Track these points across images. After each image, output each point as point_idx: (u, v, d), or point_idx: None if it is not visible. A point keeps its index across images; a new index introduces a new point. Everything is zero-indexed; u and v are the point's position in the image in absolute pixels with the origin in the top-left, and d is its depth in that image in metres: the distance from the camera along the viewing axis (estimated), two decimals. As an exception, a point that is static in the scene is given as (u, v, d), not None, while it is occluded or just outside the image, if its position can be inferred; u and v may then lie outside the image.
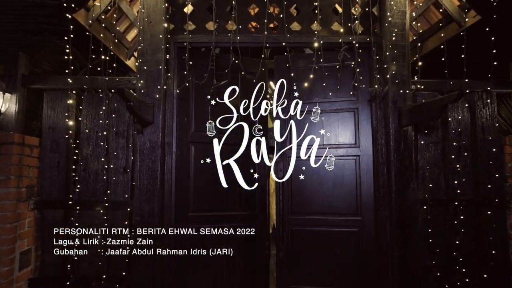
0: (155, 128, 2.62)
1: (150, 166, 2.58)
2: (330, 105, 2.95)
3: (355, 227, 2.80)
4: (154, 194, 2.56)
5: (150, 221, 2.52)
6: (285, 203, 2.92)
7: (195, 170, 2.84)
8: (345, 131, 2.90)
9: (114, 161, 2.66)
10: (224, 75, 2.70)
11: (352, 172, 2.84)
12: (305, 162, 2.56)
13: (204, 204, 2.87)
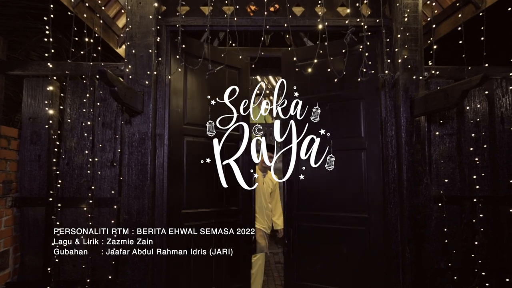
0: (144, 118, 2.39)
1: (140, 160, 2.36)
2: (335, 97, 2.77)
3: (361, 225, 2.59)
4: (144, 190, 2.33)
5: (140, 219, 2.30)
6: (292, 199, 2.83)
7: (187, 165, 2.63)
8: (351, 124, 2.69)
9: (100, 154, 2.44)
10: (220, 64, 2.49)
11: (359, 167, 2.62)
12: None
13: (195, 201, 2.69)
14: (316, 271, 2.71)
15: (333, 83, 2.67)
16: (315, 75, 2.73)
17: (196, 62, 2.47)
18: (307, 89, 2.88)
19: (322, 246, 2.71)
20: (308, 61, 2.59)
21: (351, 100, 2.71)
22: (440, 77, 2.52)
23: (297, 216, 2.83)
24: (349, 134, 2.68)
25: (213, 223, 2.70)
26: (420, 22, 2.46)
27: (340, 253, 2.62)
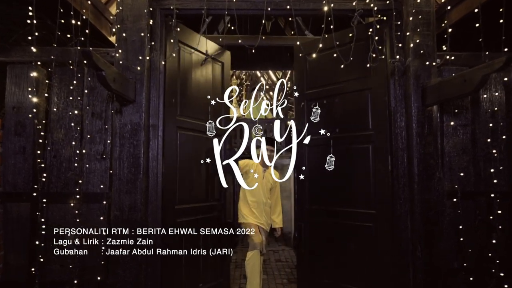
0: (137, 107, 2.22)
1: (132, 152, 2.19)
2: (341, 88, 2.63)
3: (369, 221, 2.43)
4: (136, 184, 2.16)
5: (132, 216, 2.13)
6: (304, 194, 2.79)
7: (180, 159, 2.47)
8: (359, 116, 2.54)
9: (90, 146, 2.26)
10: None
11: (367, 160, 2.46)
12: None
13: (187, 196, 2.54)
14: (327, 267, 2.64)
15: (341, 75, 2.58)
16: (325, 66, 2.68)
17: (190, 52, 2.30)
18: (316, 82, 2.79)
19: (332, 242, 2.62)
20: (321, 52, 2.53)
21: (359, 91, 2.56)
22: (452, 64, 2.35)
23: (309, 211, 2.77)
24: (357, 127, 2.54)
25: (201, 218, 2.62)
26: (433, 5, 2.28)
27: (349, 249, 2.51)
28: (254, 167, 3.22)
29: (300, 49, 2.80)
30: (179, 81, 2.52)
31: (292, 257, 5.43)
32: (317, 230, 2.72)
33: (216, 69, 2.99)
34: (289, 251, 5.76)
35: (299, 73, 2.95)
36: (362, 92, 2.53)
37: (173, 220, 2.34)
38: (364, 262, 2.44)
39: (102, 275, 2.11)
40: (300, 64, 2.92)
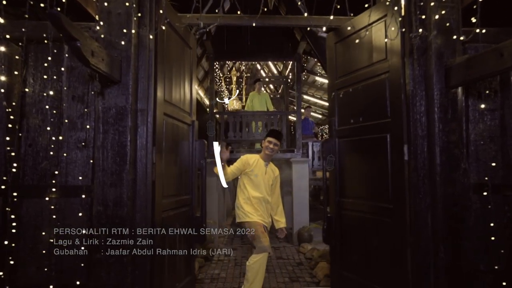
0: (123, 89, 1.93)
1: (117, 140, 1.91)
2: (363, 74, 2.45)
3: (387, 216, 2.21)
4: (122, 176, 1.89)
5: (117, 212, 1.86)
6: (335, 184, 2.71)
7: (165, 148, 2.22)
8: (378, 104, 2.32)
9: (70, 134, 1.98)
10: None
11: (384, 151, 2.23)
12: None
13: (169, 189, 2.32)
14: (352, 262, 2.51)
15: (363, 61, 2.45)
16: (351, 53, 2.59)
17: (174, 33, 2.03)
18: (344, 70, 2.67)
19: (358, 236, 2.48)
20: (346, 38, 2.50)
21: (378, 75, 2.34)
22: (479, 42, 2.06)
23: (339, 203, 2.66)
24: (377, 116, 2.33)
25: (178, 213, 2.44)
26: (458, -27, 2.00)
27: (371, 245, 2.33)
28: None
29: (331, 37, 2.75)
30: (165, 61, 2.25)
31: (293, 254, 5.19)
32: (344, 222, 2.61)
33: (189, 54, 2.79)
34: (290, 248, 5.52)
35: (330, 62, 2.86)
36: (381, 76, 2.32)
37: (160, 216, 2.08)
38: (384, 261, 2.22)
39: (82, 278, 1.84)
40: (330, 52, 2.84)
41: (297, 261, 4.90)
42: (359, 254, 2.45)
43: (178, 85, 2.53)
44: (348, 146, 2.60)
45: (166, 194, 2.23)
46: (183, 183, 2.55)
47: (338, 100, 2.71)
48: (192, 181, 2.65)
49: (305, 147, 6.35)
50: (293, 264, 4.76)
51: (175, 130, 2.42)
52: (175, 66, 2.44)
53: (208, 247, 5.24)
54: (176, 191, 2.43)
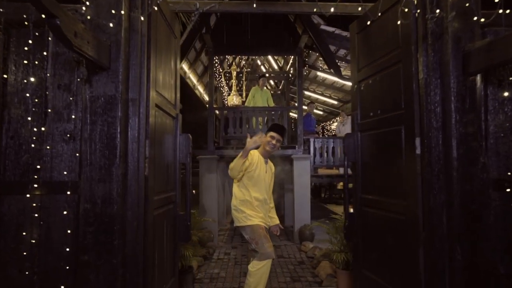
0: (112, 76, 1.77)
1: (106, 132, 1.75)
2: (380, 64, 2.33)
3: (401, 214, 2.08)
4: (112, 171, 1.73)
5: (106, 209, 1.70)
6: (357, 181, 2.65)
7: (156, 141, 2.08)
8: (392, 93, 2.20)
9: (55, 125, 1.82)
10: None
11: (399, 144, 2.10)
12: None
13: (159, 185, 2.17)
14: (372, 260, 2.40)
15: (380, 51, 2.32)
16: (370, 43, 2.49)
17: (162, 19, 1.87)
18: (364, 61, 2.57)
19: (376, 233, 2.37)
20: (366, 28, 2.42)
21: (392, 65, 2.20)
22: (499, 26, 1.89)
23: (361, 200, 2.57)
24: (392, 107, 2.20)
25: (166, 210, 2.31)
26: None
27: (387, 243, 2.21)
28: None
29: (353, 28, 2.66)
30: (157, 49, 2.09)
31: (294, 253, 5.05)
32: (365, 220, 2.51)
33: (175, 43, 2.66)
34: (291, 247, 5.38)
35: (352, 54, 2.77)
36: (395, 66, 2.17)
37: (152, 214, 1.93)
38: (398, 260, 2.09)
39: (68, 281, 1.68)
40: (352, 44, 2.75)
41: (298, 260, 4.76)
42: (377, 253, 2.34)
43: (167, 76, 2.38)
44: (368, 140, 2.50)
45: (157, 191, 2.08)
46: (169, 180, 2.40)
47: (360, 92, 2.61)
48: (176, 177, 2.49)
49: (307, 144, 6.19)
50: (295, 263, 4.61)
51: (163, 123, 2.27)
52: (164, 55, 2.29)
53: (208, 245, 5.09)
54: (164, 187, 2.28)
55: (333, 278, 3.77)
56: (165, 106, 2.31)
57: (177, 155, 2.53)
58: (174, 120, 2.56)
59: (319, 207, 8.86)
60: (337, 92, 10.50)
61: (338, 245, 3.61)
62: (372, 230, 2.42)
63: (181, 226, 2.49)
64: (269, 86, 10.52)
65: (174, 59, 2.62)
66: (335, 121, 13.02)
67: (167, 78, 2.41)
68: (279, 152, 5.64)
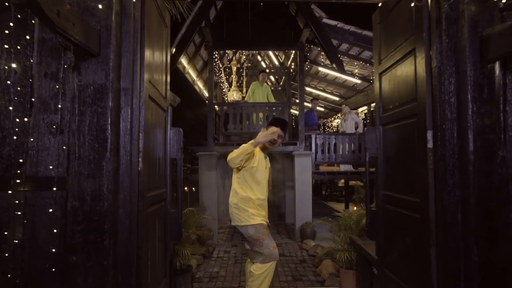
0: (102, 64, 1.63)
1: (95, 123, 1.62)
2: (397, 54, 2.19)
3: (415, 211, 1.96)
4: (102, 165, 1.60)
5: (96, 207, 1.57)
6: (378, 177, 2.50)
7: (149, 136, 1.95)
8: (407, 84, 2.08)
9: (41, 116, 1.68)
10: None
11: (412, 138, 1.99)
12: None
13: (152, 180, 2.04)
14: (392, 260, 2.29)
15: (398, 39, 2.19)
16: (391, 31, 2.35)
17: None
18: (386, 51, 2.44)
19: (396, 232, 2.25)
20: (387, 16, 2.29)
21: (407, 54, 2.07)
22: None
23: (382, 197, 2.44)
24: (407, 99, 2.09)
25: (158, 208, 2.19)
26: None
27: (404, 242, 2.10)
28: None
29: (375, 18, 2.55)
30: (150, 37, 1.95)
31: (296, 251, 4.94)
32: (386, 217, 2.41)
33: (166, 33, 2.53)
34: (292, 245, 5.27)
35: (375, 45, 2.66)
36: (410, 55, 2.04)
37: (145, 211, 1.81)
38: (414, 260, 1.97)
39: (55, 284, 1.55)
40: (375, 34, 2.63)
41: (300, 259, 4.65)
42: (396, 252, 2.23)
43: (158, 66, 2.25)
44: (389, 134, 2.40)
45: (150, 187, 1.96)
46: (160, 176, 2.28)
47: (381, 84, 2.51)
48: (167, 173, 2.36)
49: (308, 140, 6.06)
50: (296, 262, 4.50)
51: (155, 115, 2.14)
52: (156, 44, 2.16)
53: (207, 244, 4.98)
54: (156, 184, 2.15)
55: (335, 278, 3.65)
56: (158, 98, 2.18)
57: (168, 150, 2.40)
58: (165, 113, 2.43)
59: (320, 205, 8.75)
60: (338, 88, 10.35)
61: (342, 243, 3.49)
62: (392, 229, 2.32)
63: (172, 224, 2.36)
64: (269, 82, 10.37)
65: (165, 49, 2.49)
66: (336, 118, 12.88)
67: (159, 69, 2.28)
68: (279, 149, 5.51)
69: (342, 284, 3.41)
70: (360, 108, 9.67)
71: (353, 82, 9.04)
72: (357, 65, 7.55)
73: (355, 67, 7.85)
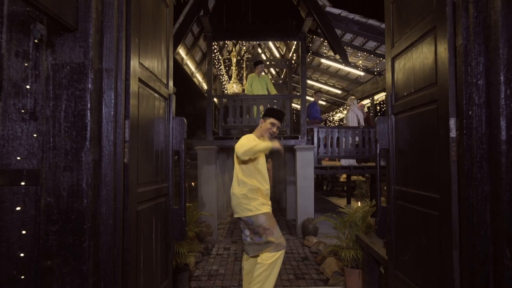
0: (81, 40, 1.41)
1: (73, 108, 1.40)
2: (413, 34, 1.97)
3: (433, 208, 1.74)
4: (80, 156, 1.39)
5: (73, 204, 1.36)
6: (390, 170, 2.28)
7: (140, 123, 1.74)
8: (426, 66, 1.85)
9: (12, 101, 1.46)
10: None
11: (432, 125, 1.76)
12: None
13: (145, 174, 1.84)
14: (406, 261, 2.08)
15: (415, 17, 1.95)
16: (405, 9, 2.12)
17: None
18: (399, 32, 2.20)
19: (409, 231, 2.05)
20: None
21: (426, 33, 1.83)
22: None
23: (394, 192, 2.24)
24: (425, 84, 1.86)
25: (155, 205, 1.99)
26: None
27: (420, 243, 1.89)
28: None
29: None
30: (141, 14, 1.73)
31: (297, 248, 4.76)
32: (398, 215, 2.21)
33: (167, 13, 2.30)
34: (294, 241, 5.09)
35: (387, 27, 2.42)
36: (429, 34, 1.81)
37: (135, 209, 1.60)
38: (431, 264, 1.76)
39: (27, 293, 1.35)
40: (387, 15, 2.39)
41: (301, 256, 4.46)
42: (410, 253, 2.02)
43: (155, 48, 2.02)
44: (402, 123, 2.18)
45: (142, 182, 1.75)
46: (160, 169, 2.07)
47: (394, 70, 2.29)
48: (169, 166, 2.17)
49: (310, 134, 5.84)
50: (298, 259, 4.32)
51: (151, 103, 1.92)
52: (151, 24, 1.93)
53: (206, 240, 4.79)
54: (154, 178, 1.95)
55: (340, 276, 3.46)
56: (154, 84, 1.96)
57: (170, 141, 2.20)
58: (166, 102, 2.22)
59: (321, 200, 8.57)
60: (341, 81, 10.09)
61: (347, 241, 3.29)
62: (405, 227, 2.11)
63: (174, 222, 2.19)
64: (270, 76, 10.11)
65: (166, 32, 2.26)
66: (338, 112, 12.64)
67: (157, 53, 2.06)
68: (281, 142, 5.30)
69: (347, 283, 3.22)
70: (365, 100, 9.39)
71: (356, 75, 8.78)
72: (361, 56, 7.28)
73: (359, 59, 7.58)
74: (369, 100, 9.37)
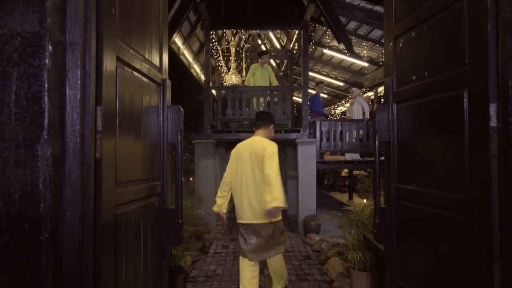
0: (34, 4, 1.11)
1: (26, 90, 1.10)
2: (419, 15, 1.72)
3: (459, 211, 1.44)
4: (36, 150, 1.09)
5: (26, 209, 1.07)
6: (390, 167, 1.98)
7: (119, 111, 1.43)
8: (448, 45, 1.54)
9: (-46, 81, 1.17)
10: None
11: (459, 113, 1.45)
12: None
13: (127, 172, 1.53)
14: (412, 271, 1.80)
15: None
16: None
17: None
18: (405, 9, 1.88)
19: (420, 237, 1.74)
20: None
21: (449, 6, 1.52)
22: None
23: (396, 191, 1.94)
24: (446, 66, 1.54)
25: (142, 206, 1.68)
26: None
27: (435, 251, 1.59)
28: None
29: None
30: None
31: (299, 246, 4.51)
32: (401, 217, 1.91)
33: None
34: (295, 238, 4.84)
35: (386, 2, 2.07)
36: (453, 6, 1.50)
37: (112, 213, 1.32)
38: (453, 276, 1.48)
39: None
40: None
41: (303, 254, 4.21)
42: (418, 262, 1.73)
43: (143, 26, 1.72)
44: (407, 113, 1.86)
45: (124, 180, 1.47)
46: (152, 165, 1.78)
47: (397, 51, 1.95)
48: (163, 161, 1.88)
49: (312, 127, 5.55)
50: (300, 258, 4.07)
51: (137, 87, 1.62)
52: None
53: (204, 238, 4.54)
54: (143, 175, 1.67)
55: (345, 278, 3.21)
56: (140, 65, 1.65)
57: (165, 133, 1.91)
58: (159, 88, 1.92)
59: (323, 195, 8.32)
60: (343, 73, 9.74)
61: (354, 241, 3.03)
62: (411, 231, 1.82)
63: (170, 224, 1.91)
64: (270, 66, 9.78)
65: (160, 8, 1.96)
66: (340, 105, 12.32)
67: (145, 30, 1.75)
68: (282, 136, 5.03)
69: (353, 286, 2.97)
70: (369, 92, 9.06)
71: (360, 66, 8.44)
72: (365, 46, 6.93)
73: (364, 48, 7.23)
74: (372, 92, 9.05)
